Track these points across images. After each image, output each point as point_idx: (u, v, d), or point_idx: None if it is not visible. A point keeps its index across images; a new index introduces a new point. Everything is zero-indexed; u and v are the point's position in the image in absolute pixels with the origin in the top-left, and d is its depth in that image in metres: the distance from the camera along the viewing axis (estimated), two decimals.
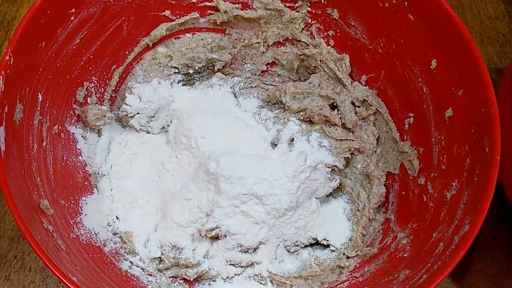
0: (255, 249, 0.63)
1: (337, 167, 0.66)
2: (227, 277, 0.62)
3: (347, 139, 0.67)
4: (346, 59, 0.70)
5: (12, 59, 0.51)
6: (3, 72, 0.50)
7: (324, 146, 0.66)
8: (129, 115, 0.67)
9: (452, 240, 0.50)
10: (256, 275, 0.62)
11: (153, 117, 0.68)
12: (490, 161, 0.50)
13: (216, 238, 0.62)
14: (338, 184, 0.67)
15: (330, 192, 0.68)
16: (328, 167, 0.65)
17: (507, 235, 0.68)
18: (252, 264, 0.63)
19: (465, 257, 0.47)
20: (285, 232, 0.63)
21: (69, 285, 0.43)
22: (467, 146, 0.55)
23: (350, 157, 0.68)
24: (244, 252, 0.63)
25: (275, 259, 0.64)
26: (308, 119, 0.68)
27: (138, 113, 0.67)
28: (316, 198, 0.66)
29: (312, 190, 0.65)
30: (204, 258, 0.62)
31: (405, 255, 0.56)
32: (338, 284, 0.59)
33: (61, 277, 0.43)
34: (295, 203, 0.62)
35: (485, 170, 0.51)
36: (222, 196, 0.61)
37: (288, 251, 0.65)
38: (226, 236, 0.62)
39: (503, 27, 0.82)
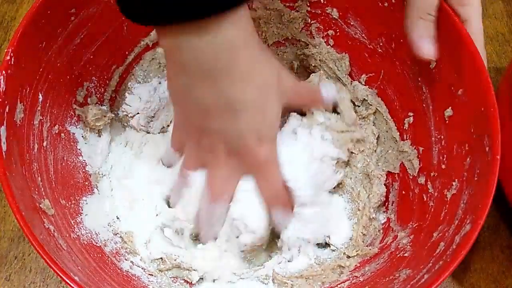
0: None
1: (341, 159, 0.66)
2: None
3: (348, 130, 0.67)
4: (346, 59, 0.70)
5: (12, 59, 0.51)
6: (3, 72, 0.50)
7: (326, 139, 0.66)
8: (129, 115, 0.67)
9: (453, 240, 0.50)
10: (261, 274, 0.62)
11: (153, 117, 0.68)
12: (491, 160, 0.50)
13: None
14: (344, 177, 0.67)
15: (330, 191, 0.68)
16: (333, 160, 0.66)
17: (508, 235, 0.69)
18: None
19: (465, 256, 0.47)
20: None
21: (71, 284, 0.43)
22: (467, 145, 0.55)
23: (353, 147, 0.68)
24: None
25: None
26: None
27: (138, 113, 0.67)
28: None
29: (322, 182, 0.65)
30: None
31: (406, 254, 0.56)
32: (339, 284, 0.59)
33: (63, 276, 0.43)
34: (313, 196, 0.63)
35: (485, 170, 0.51)
36: None
37: None
38: None
39: (502, 26, 0.82)
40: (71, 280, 0.43)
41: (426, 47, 0.55)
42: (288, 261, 0.63)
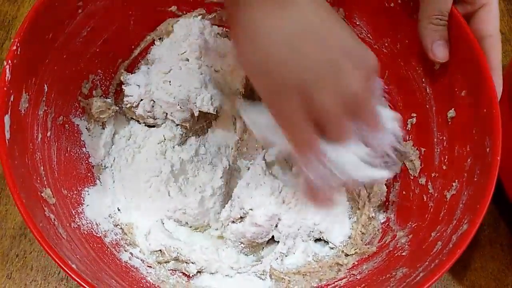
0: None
1: None
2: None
3: None
4: None
5: (19, 49, 0.52)
6: (9, 61, 0.51)
7: None
8: (134, 106, 0.67)
9: (450, 239, 0.50)
10: (258, 269, 0.63)
11: (154, 101, 0.67)
12: (491, 161, 0.51)
13: None
14: None
15: None
16: None
17: (508, 233, 0.69)
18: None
19: (465, 254, 0.47)
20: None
21: (69, 272, 0.44)
22: (468, 146, 0.56)
23: None
24: None
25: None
26: None
27: (142, 100, 0.66)
28: None
29: None
30: None
31: (404, 253, 0.56)
32: (336, 281, 0.59)
33: (60, 263, 0.44)
34: None
35: (485, 171, 0.51)
36: None
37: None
38: None
39: (503, 25, 0.82)
40: (69, 268, 0.44)
41: (439, 50, 0.55)
42: (286, 256, 0.63)
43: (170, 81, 0.65)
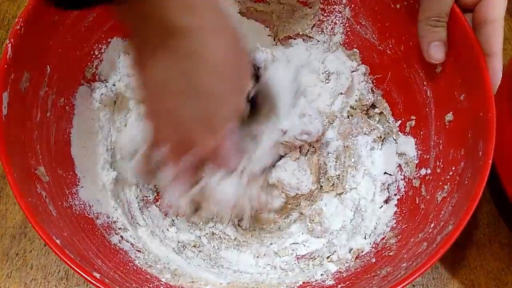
0: None
1: None
2: None
3: None
4: (356, 54, 0.71)
5: (23, 29, 0.53)
6: (12, 40, 0.52)
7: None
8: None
9: (435, 239, 0.50)
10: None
11: None
12: (482, 165, 0.51)
13: None
14: None
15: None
16: None
17: (507, 232, 0.68)
18: None
19: (465, 253, 0.47)
20: None
21: (51, 245, 0.44)
22: (463, 150, 0.56)
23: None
24: None
25: None
26: None
27: None
28: None
29: None
30: None
31: (391, 253, 0.56)
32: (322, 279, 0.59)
33: (44, 237, 0.44)
34: None
35: (475, 174, 0.51)
36: None
37: None
38: None
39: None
40: (51, 242, 0.44)
41: (434, 51, 0.55)
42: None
43: None
